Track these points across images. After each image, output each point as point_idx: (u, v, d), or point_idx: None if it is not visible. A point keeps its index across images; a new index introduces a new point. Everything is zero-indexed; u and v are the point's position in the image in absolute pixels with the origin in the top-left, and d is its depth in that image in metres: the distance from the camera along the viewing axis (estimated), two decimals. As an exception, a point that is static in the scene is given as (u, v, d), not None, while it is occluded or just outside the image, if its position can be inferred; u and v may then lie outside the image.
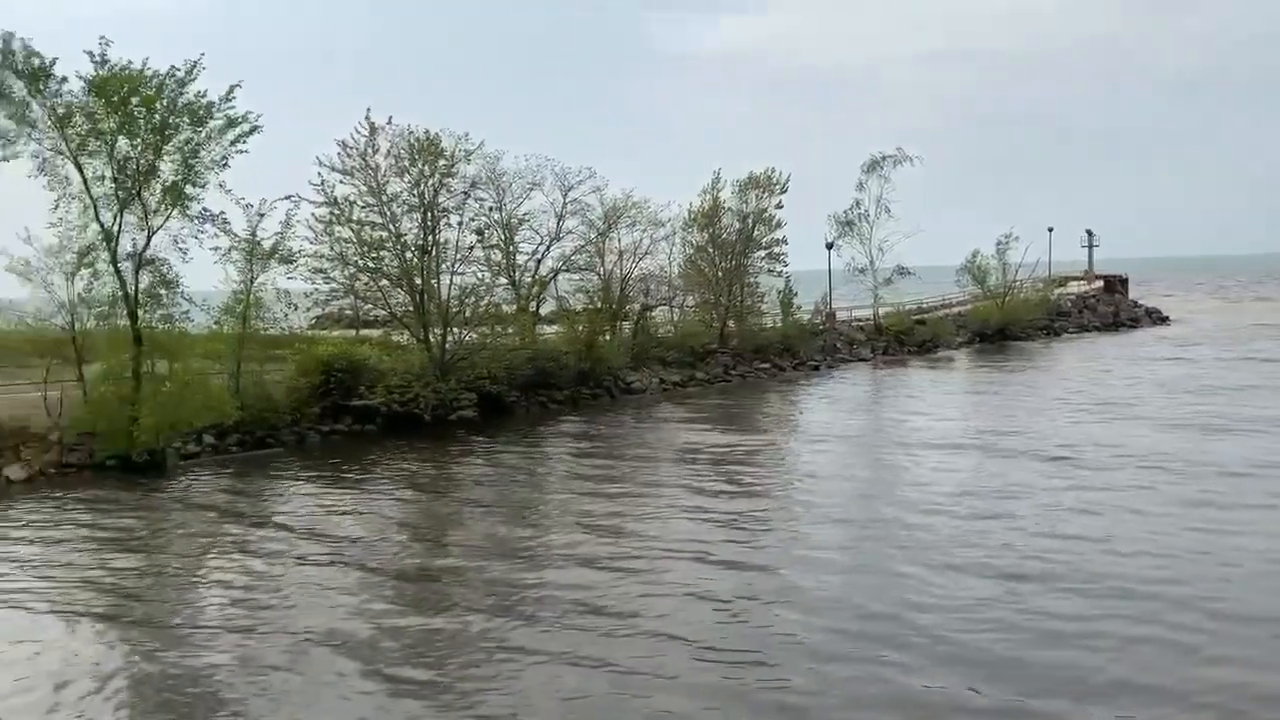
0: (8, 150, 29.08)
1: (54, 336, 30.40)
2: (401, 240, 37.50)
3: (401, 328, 38.71)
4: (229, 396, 30.35)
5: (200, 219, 30.89)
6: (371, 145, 36.87)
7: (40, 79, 28.66)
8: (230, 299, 33.39)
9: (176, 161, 30.13)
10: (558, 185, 45.93)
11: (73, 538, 21.08)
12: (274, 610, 15.90)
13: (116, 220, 29.70)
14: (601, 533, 19.96)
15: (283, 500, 25.00)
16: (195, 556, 19.74)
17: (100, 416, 28.32)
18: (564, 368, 40.65)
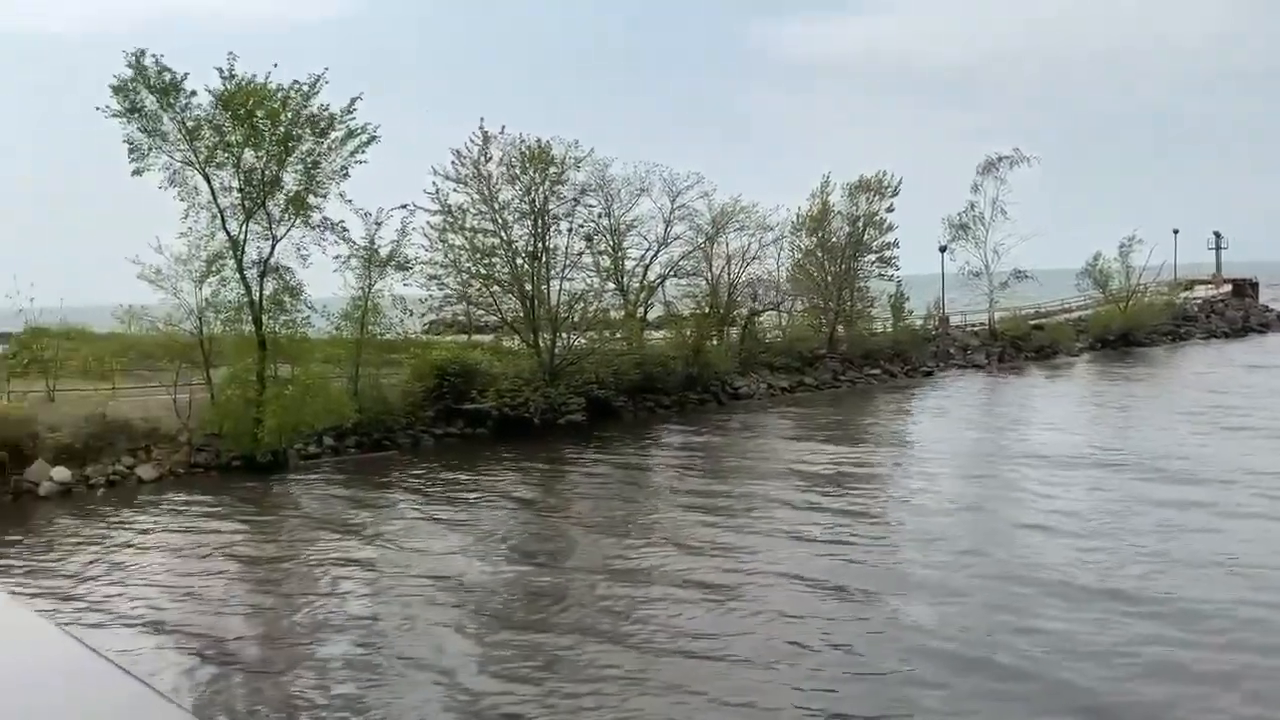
0: (141, 163, 30.43)
1: (183, 341, 31.73)
2: (512, 247, 38.08)
3: (512, 333, 39.26)
4: (348, 400, 31.18)
5: (321, 227, 31.94)
6: (484, 154, 37.56)
7: (171, 93, 29.89)
8: (349, 305, 34.34)
9: (299, 172, 31.19)
10: (665, 191, 46.00)
11: (198, 535, 21.91)
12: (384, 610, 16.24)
13: (242, 229, 30.87)
14: (705, 548, 19.22)
15: (398, 502, 25.54)
16: (311, 555, 20.30)
17: (226, 418, 29.36)
18: (671, 372, 40.66)
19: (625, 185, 44.88)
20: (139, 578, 18.46)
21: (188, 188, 30.75)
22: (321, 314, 33.95)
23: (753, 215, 47.52)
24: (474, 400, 34.60)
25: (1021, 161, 59.16)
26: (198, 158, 30.34)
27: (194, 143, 30.22)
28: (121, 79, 29.63)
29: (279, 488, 27.07)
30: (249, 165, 30.65)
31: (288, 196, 31.10)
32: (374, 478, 28.33)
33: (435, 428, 33.93)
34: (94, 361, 31.70)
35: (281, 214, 31.20)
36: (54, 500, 25.54)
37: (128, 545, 21.06)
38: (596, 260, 42.35)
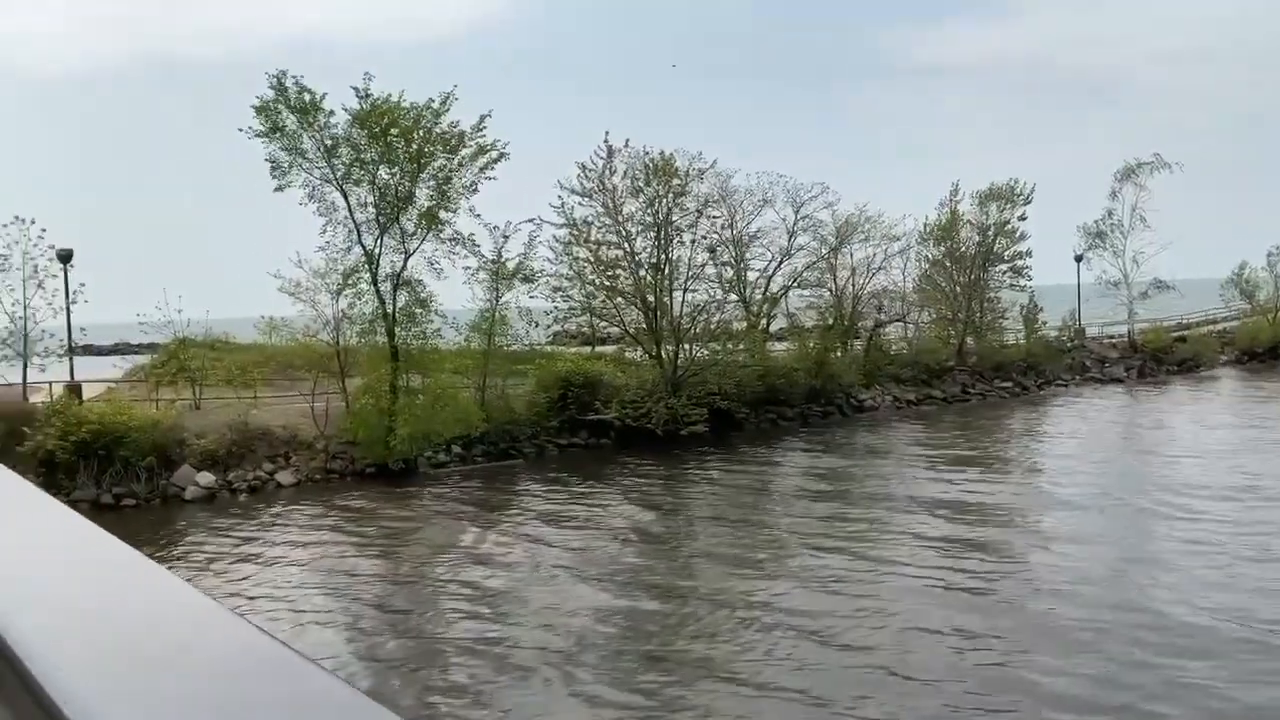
0: (282, 180, 31.73)
1: (320, 351, 32.90)
2: (636, 259, 38.32)
3: (635, 344, 39.47)
4: (475, 409, 31.82)
5: (451, 241, 32.77)
6: (609, 167, 37.90)
7: (310, 113, 31.08)
8: (477, 317, 35.05)
9: (431, 188, 32.07)
10: (789, 202, 45.60)
11: (333, 538, 22.65)
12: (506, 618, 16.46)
13: (377, 243, 31.95)
14: (824, 578, 18.08)
15: (523, 510, 25.89)
16: (439, 561, 20.73)
17: (360, 427, 30.28)
18: (794, 384, 40.27)
19: (748, 196, 44.68)
20: (276, 579, 19.18)
21: (326, 204, 32.04)
22: (451, 325, 34.77)
23: (878, 225, 46.71)
24: (597, 411, 34.89)
25: (1163, 167, 56.76)
26: (335, 175, 31.52)
27: (332, 160, 31.38)
28: (263, 100, 30.97)
29: (410, 495, 27.77)
30: (383, 181, 31.68)
31: (420, 211, 32.03)
32: (500, 486, 28.81)
33: (559, 438, 34.32)
34: (237, 371, 33.08)
35: (414, 228, 32.16)
36: (198, 504, 26.72)
37: (268, 548, 21.90)
38: (719, 272, 42.28)
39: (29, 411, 27.90)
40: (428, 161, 31.68)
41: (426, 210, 31.99)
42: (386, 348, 31.71)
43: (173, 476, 27.23)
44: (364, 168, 31.52)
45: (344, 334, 32.92)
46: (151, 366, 37.50)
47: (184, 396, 33.03)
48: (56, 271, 31.95)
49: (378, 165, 31.51)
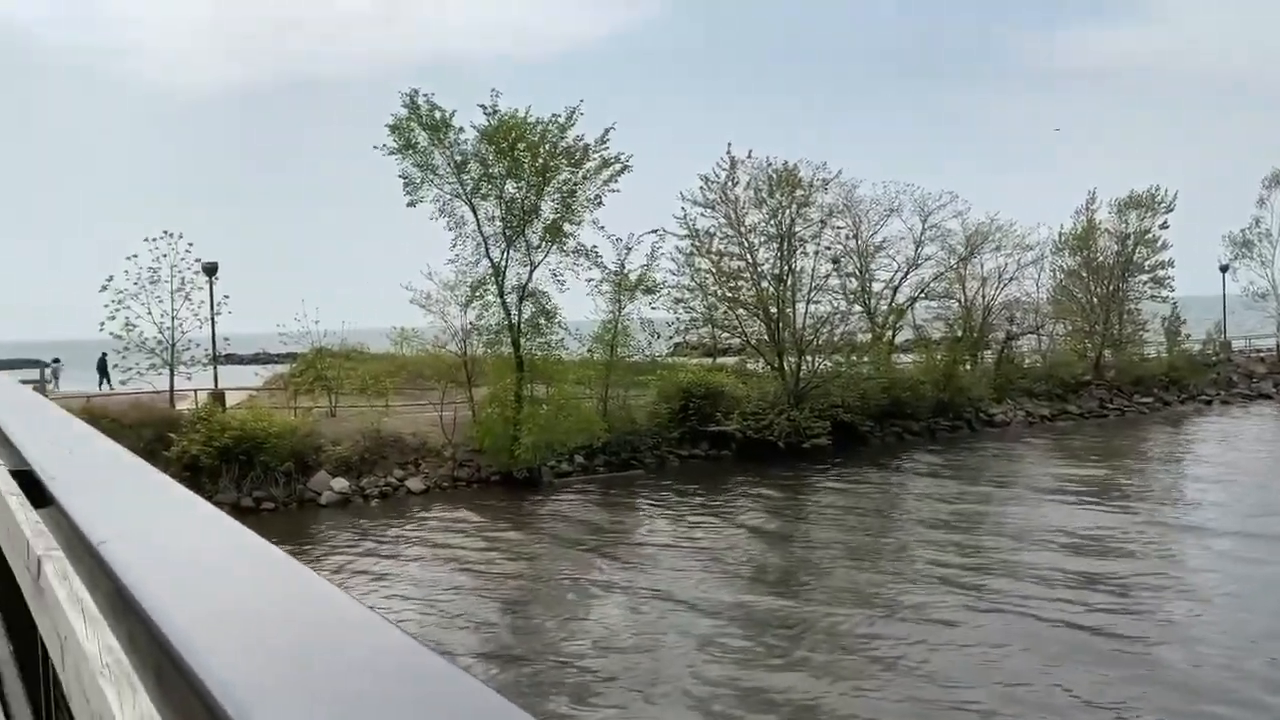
0: (414, 195, 32.68)
1: (449, 361, 33.74)
2: (758, 270, 38.15)
3: (757, 355, 39.25)
4: (598, 419, 32.12)
5: (575, 253, 33.20)
6: (731, 179, 37.84)
7: (441, 130, 31.93)
8: (600, 328, 35.39)
9: (556, 201, 32.58)
10: (916, 211, 44.74)
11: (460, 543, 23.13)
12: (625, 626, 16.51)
13: (504, 256, 32.64)
14: (945, 606, 17.06)
15: (644, 520, 26.00)
16: (561, 567, 20.98)
17: (486, 435, 30.89)
18: (921, 398, 39.44)
19: (874, 206, 44.03)
20: (408, 582, 19.69)
21: (455, 218, 32.90)
22: (574, 336, 35.22)
23: (1010, 234, 45.44)
24: (718, 422, 34.80)
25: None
26: (464, 190, 32.33)
27: (461, 176, 32.21)
28: (397, 118, 31.96)
29: (534, 503, 28.16)
30: (510, 196, 32.34)
31: (545, 225, 32.56)
32: (622, 496, 28.98)
33: (680, 449, 34.34)
34: (370, 380, 34.12)
35: (539, 241, 32.71)
36: (333, 508, 27.63)
37: (399, 552, 22.51)
38: (843, 283, 41.75)
39: (175, 418, 29.30)
40: (553, 175, 32.22)
41: (551, 223, 32.54)
42: (512, 358, 32.33)
43: (309, 481, 28.22)
44: (491, 182, 32.24)
45: (471, 344, 33.72)
46: (290, 375, 38.99)
47: (320, 404, 34.25)
48: (202, 284, 33.53)
49: (505, 180, 32.19)
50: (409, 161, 32.42)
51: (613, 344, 34.91)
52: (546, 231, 32.55)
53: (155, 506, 2.38)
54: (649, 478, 31.86)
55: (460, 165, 32.18)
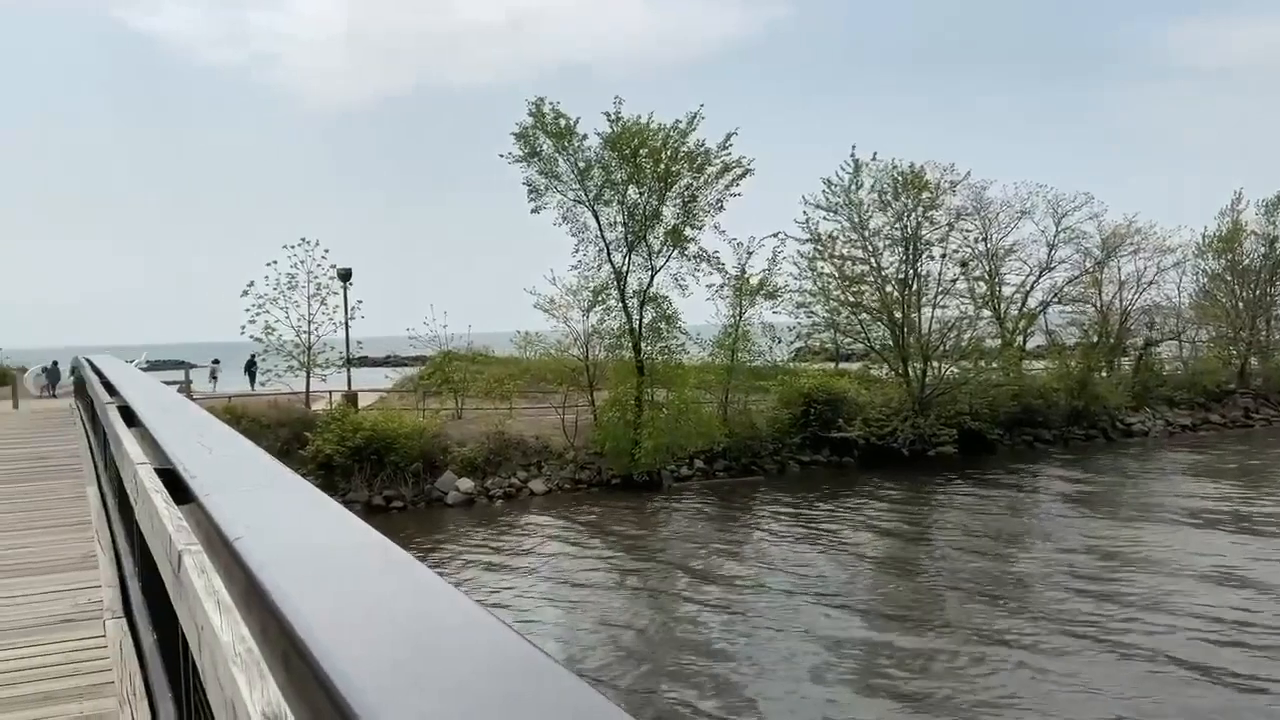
0: (538, 201, 33.21)
1: (571, 365, 34.21)
2: (882, 274, 37.52)
3: (880, 361, 38.62)
4: (718, 424, 32.08)
5: (696, 258, 33.23)
6: (855, 181, 37.31)
7: (565, 137, 32.37)
8: (720, 332, 35.34)
9: (677, 206, 32.69)
10: (1049, 213, 43.40)
11: (582, 545, 23.38)
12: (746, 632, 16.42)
13: (625, 261, 32.85)
14: (1070, 646, 15.44)
15: (763, 526, 25.79)
16: (681, 572, 20.96)
17: (607, 439, 31.15)
18: (1052, 405, 38.23)
19: (1005, 208, 42.87)
20: (529, 581, 20.00)
21: (578, 224, 33.30)
22: (695, 341, 35.25)
23: (1149, 237, 43.67)
24: (840, 428, 34.36)
25: None
26: (587, 196, 32.70)
27: (584, 182, 32.59)
28: (522, 126, 32.53)
29: (654, 506, 28.28)
30: (632, 201, 32.58)
31: (666, 229, 32.70)
32: (742, 501, 28.86)
33: (801, 455, 34.02)
34: (494, 383, 34.82)
35: (660, 246, 32.85)
36: (459, 508, 28.25)
37: (522, 552, 22.88)
38: (971, 287, 40.73)
39: (311, 418, 30.40)
40: (674, 180, 32.34)
41: (672, 228, 32.66)
42: (633, 362, 32.56)
43: (436, 481, 28.92)
44: (614, 188, 32.56)
45: (593, 348, 34.10)
46: (419, 378, 40.08)
47: (447, 406, 35.09)
48: (337, 289, 34.78)
49: (627, 185, 32.47)
50: (534, 169, 32.98)
51: (733, 349, 34.80)
52: (668, 236, 32.70)
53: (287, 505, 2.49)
54: (769, 483, 31.66)
55: (583, 172, 32.59)
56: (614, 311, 33.25)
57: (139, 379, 8.63)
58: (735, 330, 35.07)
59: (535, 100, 32.36)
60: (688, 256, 33.17)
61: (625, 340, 33.13)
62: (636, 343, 32.70)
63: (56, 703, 4.07)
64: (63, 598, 5.66)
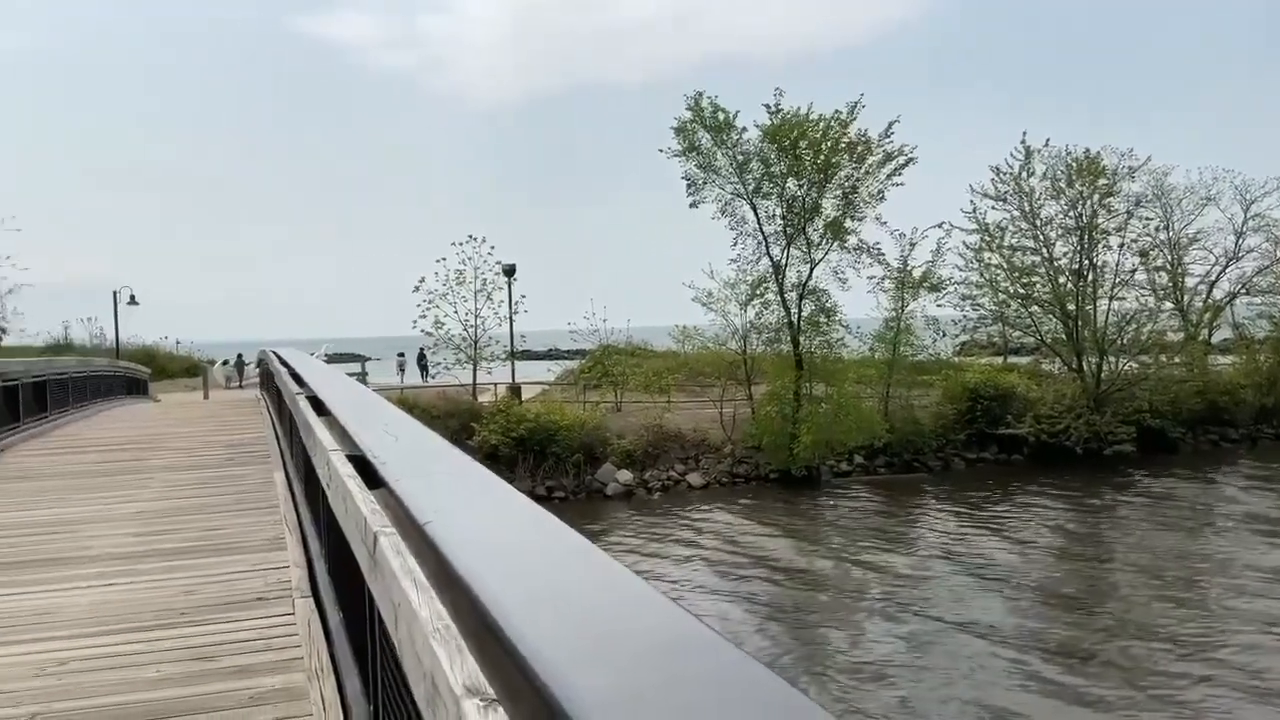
0: (697, 196, 33.29)
1: (729, 359, 34.19)
2: (1054, 264, 36.01)
3: (1052, 355, 37.14)
4: (878, 419, 31.50)
5: (857, 250, 32.68)
6: (1026, 169, 35.96)
7: (724, 131, 32.34)
8: (881, 326, 34.67)
9: (837, 198, 32.23)
10: (1237, 199, 40.85)
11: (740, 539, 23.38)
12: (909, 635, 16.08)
13: (784, 254, 32.61)
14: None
15: (925, 526, 25.21)
16: (841, 567, 20.71)
17: (765, 433, 31.00)
18: (1240, 403, 35.96)
19: (1188, 194, 40.59)
20: (690, 572, 20.14)
21: (736, 217, 33.21)
22: (855, 334, 34.69)
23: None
24: (1009, 425, 33.22)
25: None
26: (746, 189, 32.59)
27: (743, 175, 32.48)
28: (681, 121, 32.67)
29: (812, 502, 28.01)
30: (791, 194, 32.29)
31: (826, 222, 32.27)
32: (904, 498, 28.27)
33: (967, 452, 33.07)
34: (653, 377, 35.14)
35: (820, 239, 32.46)
36: (618, 500, 28.64)
37: (681, 543, 23.06)
38: (1152, 278, 38.69)
39: (477, 409, 31.36)
40: (834, 171, 31.88)
41: (832, 220, 32.20)
42: (791, 356, 32.29)
43: (596, 473, 29.41)
44: (773, 181, 32.33)
45: (750, 342, 33.98)
46: (579, 371, 40.84)
47: (607, 399, 35.63)
48: (502, 284, 35.75)
49: (786, 178, 32.19)
50: (692, 163, 33.05)
51: (895, 342, 34.08)
52: (827, 228, 32.25)
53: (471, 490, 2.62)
54: (932, 481, 30.89)
55: (742, 165, 32.48)
56: (772, 305, 33.03)
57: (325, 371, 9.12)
58: (897, 324, 34.34)
59: (694, 95, 32.44)
60: (848, 249, 32.67)
61: (783, 334, 32.88)
62: (795, 336, 32.41)
63: (251, 676, 4.35)
64: (255, 577, 6.04)
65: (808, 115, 31.91)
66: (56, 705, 4.05)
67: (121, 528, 7.66)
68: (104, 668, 4.52)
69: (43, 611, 5.45)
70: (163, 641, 4.85)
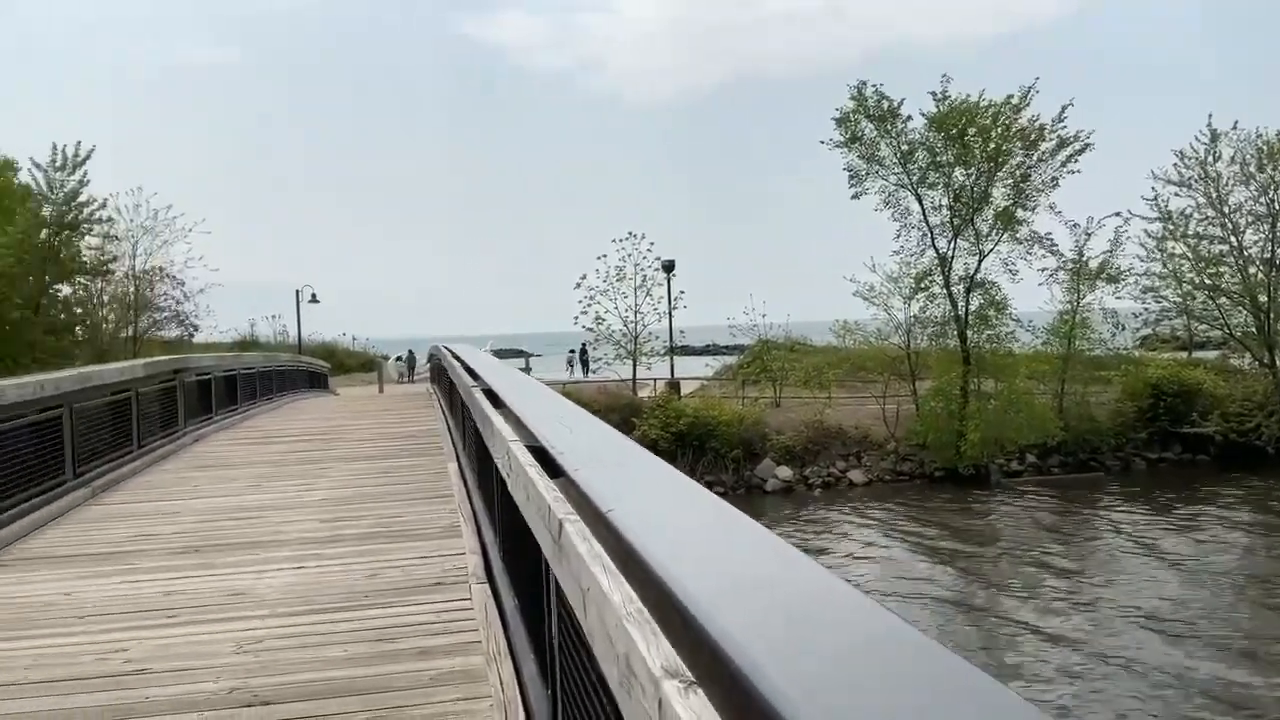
0: (859, 187, 32.70)
1: (892, 354, 33.45)
2: (1244, 254, 33.81)
3: (1241, 350, 34.91)
4: (1052, 417, 30.28)
5: (1028, 241, 31.48)
6: (1212, 153, 33.87)
7: (888, 120, 31.65)
8: (1055, 319, 33.29)
9: (1007, 186, 31.11)
10: None
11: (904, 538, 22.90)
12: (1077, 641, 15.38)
13: (950, 246, 31.70)
14: None
15: (1102, 530, 24.05)
16: (1012, 571, 20.01)
17: (930, 430, 30.22)
18: None
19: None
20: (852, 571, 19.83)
21: (900, 209, 32.47)
22: (1026, 328, 33.40)
23: None
24: (1194, 424, 31.40)
25: None
26: (910, 179, 31.83)
27: (907, 165, 31.72)
28: (843, 111, 32.12)
29: (981, 502, 27.16)
30: (958, 183, 31.35)
31: (996, 212, 31.21)
32: (1079, 500, 27.07)
33: (1147, 451, 31.45)
34: (813, 372, 34.73)
35: (989, 229, 31.41)
36: (777, 496, 28.46)
37: (843, 541, 22.77)
38: (1356, 266, 35.82)
39: (637, 404, 31.69)
40: (1005, 159, 30.78)
41: (1002, 210, 31.10)
42: (958, 351, 31.37)
43: (755, 469, 29.31)
44: (939, 170, 31.47)
45: (915, 337, 33.17)
46: (737, 366, 40.75)
47: (765, 395, 35.43)
48: (661, 280, 36.00)
49: (953, 167, 31.28)
50: (854, 154, 32.48)
51: (1069, 337, 32.67)
52: (997, 219, 31.16)
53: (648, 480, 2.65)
54: (1111, 481, 29.48)
55: (906, 155, 31.73)
56: (937, 298, 32.16)
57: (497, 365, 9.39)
58: (1072, 317, 32.91)
59: (857, 84, 31.88)
60: (1019, 239, 31.47)
61: (949, 328, 31.97)
62: (962, 331, 31.46)
63: (432, 658, 4.51)
64: (433, 563, 6.27)
65: (977, 101, 30.93)
66: (253, 680, 4.30)
67: (309, 514, 8.07)
68: (295, 646, 4.78)
69: (239, 592, 5.80)
70: (348, 622, 5.09)
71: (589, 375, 42.09)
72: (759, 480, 29.14)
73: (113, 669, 4.54)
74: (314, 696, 4.09)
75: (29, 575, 6.49)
